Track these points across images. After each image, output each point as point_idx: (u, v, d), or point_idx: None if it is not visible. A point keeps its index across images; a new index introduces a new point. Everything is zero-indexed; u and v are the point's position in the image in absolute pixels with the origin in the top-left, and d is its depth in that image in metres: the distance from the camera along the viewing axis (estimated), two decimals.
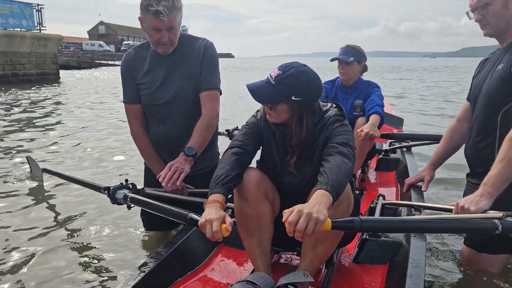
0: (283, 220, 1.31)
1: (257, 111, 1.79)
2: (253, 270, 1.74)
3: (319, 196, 1.35)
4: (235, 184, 1.60)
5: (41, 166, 3.86)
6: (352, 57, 3.06)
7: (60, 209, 3.35)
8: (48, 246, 2.67)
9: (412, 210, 2.12)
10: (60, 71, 22.55)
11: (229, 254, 2.03)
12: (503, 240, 1.84)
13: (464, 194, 2.09)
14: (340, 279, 1.79)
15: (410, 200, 2.29)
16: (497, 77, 1.83)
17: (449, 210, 1.78)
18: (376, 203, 2.17)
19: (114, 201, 2.10)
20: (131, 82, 2.27)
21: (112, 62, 41.98)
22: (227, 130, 3.77)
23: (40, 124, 7.86)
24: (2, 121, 8.08)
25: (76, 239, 2.78)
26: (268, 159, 1.76)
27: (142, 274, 1.59)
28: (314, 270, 1.64)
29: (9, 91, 14.68)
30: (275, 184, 1.72)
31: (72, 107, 10.58)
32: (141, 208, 2.59)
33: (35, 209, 3.35)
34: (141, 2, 2.04)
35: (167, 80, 2.21)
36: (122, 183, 2.14)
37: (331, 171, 1.42)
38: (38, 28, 21.34)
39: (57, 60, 21.91)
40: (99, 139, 6.37)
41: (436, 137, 3.20)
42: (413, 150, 3.64)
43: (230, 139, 3.66)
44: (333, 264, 1.82)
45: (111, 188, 2.10)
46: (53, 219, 3.15)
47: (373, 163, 3.57)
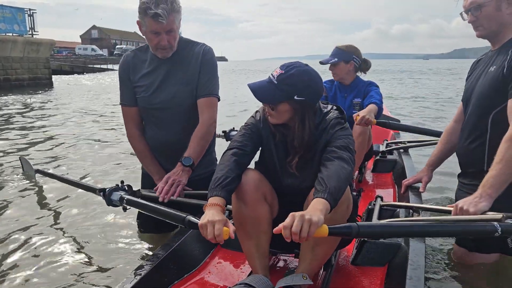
0: (274, 231, 1.30)
1: (256, 112, 1.77)
2: (250, 273, 1.72)
3: (316, 204, 1.34)
4: (235, 186, 1.58)
5: (35, 167, 3.80)
6: (335, 58, 3.07)
7: (52, 211, 3.30)
8: (41, 249, 2.63)
9: (411, 211, 2.10)
10: (53, 76, 22.40)
11: (227, 257, 2.01)
12: (493, 240, 1.85)
13: (456, 194, 2.10)
14: (339, 281, 1.78)
15: (408, 201, 2.28)
16: (490, 79, 1.84)
17: (448, 212, 1.77)
18: (374, 204, 2.16)
19: (110, 203, 2.07)
20: (128, 84, 2.25)
21: (105, 66, 41.78)
22: (223, 131, 3.75)
23: (33, 128, 7.79)
24: None
25: (69, 242, 2.74)
26: (267, 160, 1.74)
27: (138, 277, 1.56)
28: (313, 273, 1.63)
29: (0, 96, 14.56)
30: (274, 186, 1.71)
31: (65, 111, 10.49)
32: (137, 212, 2.56)
33: (27, 210, 3.29)
34: (139, 6, 2.03)
35: (164, 83, 2.19)
36: (118, 185, 2.11)
37: (329, 179, 1.41)
38: (30, 33, 21.21)
39: (49, 64, 21.78)
40: (93, 142, 6.31)
41: (431, 132, 3.20)
42: (410, 151, 3.63)
43: (227, 140, 3.64)
44: (331, 266, 1.81)
45: (107, 190, 2.07)
46: (45, 221, 3.09)
47: (370, 164, 3.56)
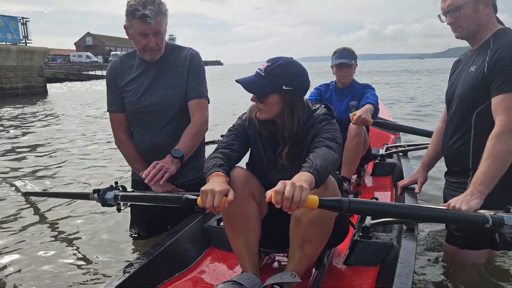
0: (266, 199, 1.29)
1: (243, 113, 1.81)
2: (242, 273, 1.71)
3: (301, 175, 1.35)
4: (229, 169, 1.60)
5: (22, 190, 3.76)
6: (353, 60, 3.17)
7: (43, 223, 3.28)
8: (30, 255, 2.64)
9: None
10: (48, 84, 22.32)
11: (219, 257, 2.01)
12: (482, 236, 1.86)
13: (443, 193, 2.11)
14: (331, 280, 1.77)
15: (404, 203, 2.28)
16: (471, 79, 1.86)
17: None
18: None
19: (104, 203, 2.05)
20: (116, 90, 2.26)
21: (100, 73, 41.73)
22: (222, 136, 3.75)
23: (24, 141, 7.75)
24: None
25: (61, 246, 2.76)
26: (255, 159, 1.77)
27: (127, 275, 1.55)
28: (302, 271, 1.62)
29: None
30: (263, 183, 1.71)
31: (58, 121, 10.48)
32: (130, 219, 2.55)
33: (19, 225, 3.25)
34: (126, 9, 2.05)
35: (152, 87, 2.20)
36: (112, 185, 2.11)
37: (315, 158, 1.44)
38: (24, 41, 21.15)
39: (43, 73, 21.71)
40: (86, 152, 6.29)
41: (429, 133, 3.21)
42: (410, 155, 3.66)
43: None
44: (323, 265, 1.80)
45: (101, 190, 2.07)
46: (37, 233, 3.08)
47: (369, 168, 3.57)
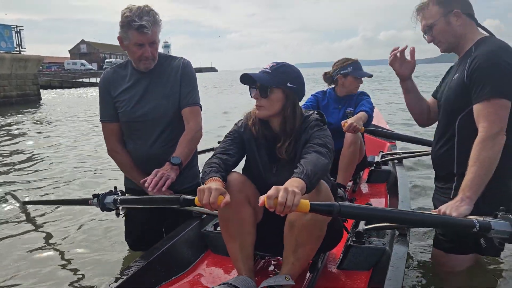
0: (259, 204, 1.32)
1: (239, 120, 1.86)
2: (237, 276, 1.73)
3: (291, 181, 1.40)
4: (226, 175, 1.64)
5: (22, 199, 3.76)
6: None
7: (40, 231, 3.29)
8: (28, 259, 2.68)
9: None
10: (42, 91, 22.24)
11: (216, 261, 2.03)
12: (468, 241, 1.90)
13: (432, 198, 2.15)
14: (324, 284, 1.80)
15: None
16: (454, 86, 1.92)
17: None
18: None
19: (104, 207, 2.07)
20: (109, 100, 2.27)
21: (94, 81, 41.65)
22: (219, 142, 3.77)
23: (20, 150, 7.72)
24: None
25: (60, 250, 2.80)
26: (251, 163, 1.81)
27: (125, 277, 1.58)
28: (296, 274, 1.66)
29: None
30: (259, 187, 1.74)
31: (53, 129, 10.46)
32: (124, 230, 2.56)
33: (20, 234, 3.28)
34: (121, 20, 2.07)
35: (145, 96, 2.22)
36: (111, 190, 2.13)
37: (306, 164, 1.48)
38: (18, 49, 21.12)
39: (37, 81, 21.65)
40: (81, 160, 6.29)
41: (424, 141, 3.25)
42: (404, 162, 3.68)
43: None
44: (317, 269, 1.83)
45: (101, 195, 2.09)
46: (34, 239, 3.11)
47: (365, 175, 3.61)
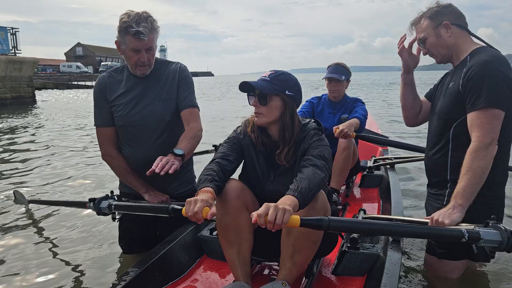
0: (252, 221, 1.34)
1: (238, 127, 1.87)
2: (234, 281, 1.74)
3: (284, 199, 1.43)
4: (221, 185, 1.64)
5: (28, 198, 3.78)
6: (343, 76, 3.23)
7: (42, 232, 3.31)
8: (27, 261, 2.69)
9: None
10: (37, 93, 22.14)
11: (212, 266, 2.04)
12: (460, 247, 1.91)
13: (425, 204, 2.18)
14: None
15: (390, 215, 2.35)
16: (448, 95, 1.95)
17: (425, 223, 1.82)
18: (357, 216, 2.22)
19: (99, 212, 2.10)
20: (104, 105, 2.26)
21: (90, 83, 41.57)
22: (214, 146, 3.81)
23: (18, 150, 7.68)
24: None
25: (57, 255, 2.81)
26: (249, 169, 1.82)
27: (123, 283, 1.59)
28: (293, 280, 1.67)
29: None
30: (257, 193, 1.77)
31: (48, 131, 10.41)
32: (118, 234, 2.56)
33: (20, 233, 3.30)
34: (119, 25, 2.07)
35: (142, 101, 2.22)
36: (107, 195, 2.15)
37: (301, 180, 1.51)
38: (13, 51, 21.05)
39: (32, 83, 21.57)
40: (79, 161, 6.26)
41: (414, 147, 3.28)
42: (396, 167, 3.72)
43: None
44: (313, 274, 1.85)
45: (97, 200, 2.11)
46: (37, 241, 3.13)
47: (358, 179, 3.64)
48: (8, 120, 13.34)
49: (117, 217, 2.11)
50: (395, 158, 3.82)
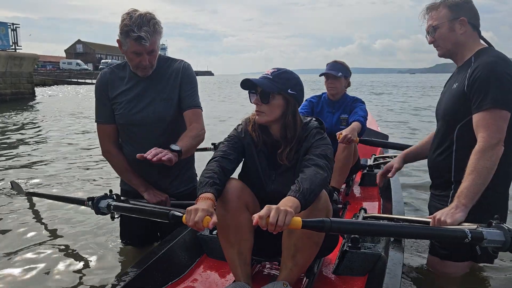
0: (253, 223, 1.34)
1: (238, 125, 1.85)
2: (234, 281, 1.73)
3: (286, 200, 1.42)
4: (222, 188, 1.63)
5: (25, 189, 3.78)
6: (340, 72, 3.19)
7: (42, 226, 3.29)
8: (27, 260, 2.66)
9: (392, 222, 2.15)
10: (36, 89, 22.08)
11: (212, 266, 2.03)
12: (463, 249, 1.92)
13: (428, 205, 2.17)
14: None
15: (391, 214, 2.34)
16: (453, 95, 1.94)
17: (427, 223, 1.82)
18: (358, 216, 2.21)
19: (98, 211, 2.09)
20: (106, 102, 2.23)
21: (90, 81, 41.49)
22: (213, 144, 3.80)
23: (17, 145, 7.67)
24: None
25: (56, 253, 2.77)
26: (250, 169, 1.80)
27: (122, 283, 1.58)
28: (294, 280, 1.66)
29: None
30: (257, 193, 1.75)
31: (48, 127, 10.38)
32: (119, 230, 2.56)
33: (18, 228, 3.26)
34: (121, 27, 2.01)
35: (143, 100, 2.19)
36: (106, 194, 2.13)
37: (303, 181, 1.50)
38: (13, 47, 20.99)
39: (32, 79, 21.51)
40: (78, 157, 6.25)
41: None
42: None
43: None
44: (314, 274, 1.84)
45: (95, 199, 2.09)
46: (35, 236, 3.11)
47: (358, 178, 3.63)
48: (7, 115, 13.31)
49: (116, 216, 2.09)
50: (395, 156, 3.81)
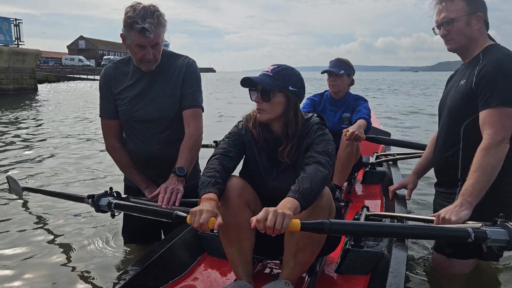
0: (251, 226, 1.33)
1: (239, 121, 1.83)
2: (235, 280, 1.73)
3: (285, 202, 1.41)
4: (223, 187, 1.62)
5: (22, 185, 3.76)
6: (342, 70, 3.15)
7: (40, 223, 3.28)
8: (25, 257, 2.65)
9: (395, 221, 2.14)
10: (39, 85, 22.12)
11: (213, 264, 2.03)
12: (469, 247, 1.90)
13: (433, 203, 2.16)
14: None
15: (394, 211, 2.33)
16: (460, 92, 1.93)
17: (431, 221, 1.82)
18: (360, 214, 2.20)
19: (98, 209, 2.07)
20: (109, 97, 2.23)
21: (92, 77, 41.50)
22: (215, 141, 3.80)
23: (17, 141, 7.68)
24: None
25: (55, 251, 2.77)
26: (251, 166, 1.78)
27: (122, 282, 1.57)
28: (296, 279, 1.66)
29: None
30: (258, 190, 1.74)
31: (50, 122, 10.38)
32: (122, 225, 2.56)
33: (15, 225, 3.27)
34: (124, 20, 2.00)
35: (147, 96, 2.18)
36: (106, 191, 2.11)
37: (303, 180, 1.48)
38: (16, 43, 21.03)
39: (35, 75, 21.57)
40: (79, 153, 6.25)
41: (419, 145, 3.26)
42: (399, 163, 3.71)
43: None
44: (316, 273, 1.83)
45: (95, 196, 2.07)
46: (32, 233, 3.09)
47: (360, 175, 3.62)
48: (9, 110, 13.33)
49: (116, 214, 2.07)
50: (398, 154, 3.78)
